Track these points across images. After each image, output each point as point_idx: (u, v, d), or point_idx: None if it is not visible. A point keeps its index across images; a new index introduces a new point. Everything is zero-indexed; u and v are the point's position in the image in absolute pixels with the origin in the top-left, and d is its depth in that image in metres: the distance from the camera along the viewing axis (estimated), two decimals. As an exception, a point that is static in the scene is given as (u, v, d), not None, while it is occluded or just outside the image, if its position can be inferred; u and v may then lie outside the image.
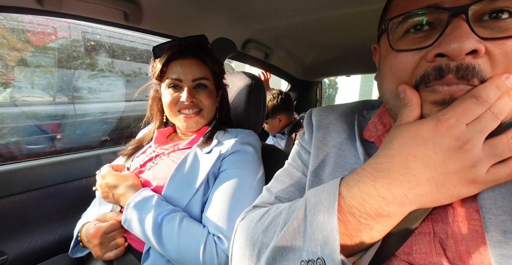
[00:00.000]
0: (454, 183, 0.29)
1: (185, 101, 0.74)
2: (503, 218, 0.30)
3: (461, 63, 0.30)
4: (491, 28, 0.30)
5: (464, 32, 0.29)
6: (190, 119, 0.78)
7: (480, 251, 0.30)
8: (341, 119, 0.50)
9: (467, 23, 0.29)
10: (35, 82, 1.98)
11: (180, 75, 0.75)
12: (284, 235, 0.34)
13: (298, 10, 1.00)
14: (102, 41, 2.26)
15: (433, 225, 0.34)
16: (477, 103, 0.28)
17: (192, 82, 0.76)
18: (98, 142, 2.18)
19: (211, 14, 1.03)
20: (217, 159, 0.71)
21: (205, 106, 0.79)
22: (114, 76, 2.42)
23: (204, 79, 0.78)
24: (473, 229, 0.31)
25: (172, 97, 0.76)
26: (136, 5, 0.85)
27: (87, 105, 2.24)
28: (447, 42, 0.30)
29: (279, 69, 1.74)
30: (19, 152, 1.79)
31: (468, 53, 0.29)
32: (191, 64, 0.76)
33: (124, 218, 0.64)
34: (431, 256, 0.33)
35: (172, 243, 0.60)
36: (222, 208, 0.65)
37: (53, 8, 0.75)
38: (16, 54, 1.85)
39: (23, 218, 0.92)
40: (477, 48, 0.29)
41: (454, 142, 0.28)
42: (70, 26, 2.05)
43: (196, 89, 0.78)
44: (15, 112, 1.84)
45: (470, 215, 0.32)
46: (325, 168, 0.47)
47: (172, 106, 0.77)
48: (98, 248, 0.65)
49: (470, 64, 0.29)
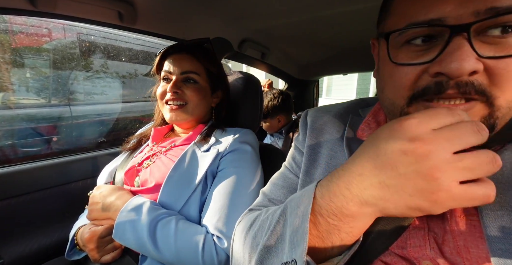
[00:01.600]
0: (409, 191, 0.26)
1: (168, 90, 0.76)
2: (500, 213, 0.30)
3: (460, 80, 0.30)
4: (494, 44, 0.29)
5: (465, 54, 0.29)
6: (173, 112, 0.78)
7: (478, 245, 0.30)
8: (335, 120, 0.51)
9: (469, 42, 0.29)
10: (30, 84, 1.96)
11: (170, 67, 0.79)
12: (269, 239, 0.35)
13: (294, 10, 1.00)
14: (97, 42, 2.24)
15: (427, 220, 0.35)
16: (449, 110, 0.26)
17: (180, 75, 0.79)
18: (94, 143, 2.16)
19: (207, 14, 1.02)
20: (215, 158, 0.71)
21: (190, 100, 0.79)
22: (110, 77, 2.41)
23: (193, 73, 0.79)
24: (471, 224, 0.32)
25: (162, 88, 0.80)
26: (130, 5, 0.85)
27: (83, 107, 2.22)
28: (448, 62, 0.29)
29: (276, 68, 1.74)
30: (14, 155, 1.77)
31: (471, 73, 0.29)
32: (182, 59, 0.80)
33: (116, 230, 0.62)
34: (425, 249, 0.34)
35: (169, 247, 0.60)
36: (221, 207, 0.65)
37: (47, 9, 0.74)
38: (10, 56, 1.83)
39: (19, 221, 0.91)
40: (476, 69, 0.29)
41: (407, 143, 0.25)
42: (64, 27, 2.03)
43: (184, 83, 0.79)
44: (9, 115, 1.82)
45: (468, 210, 0.32)
46: (317, 168, 0.47)
47: (162, 97, 0.80)
48: (95, 251, 0.65)
49: (468, 81, 0.29)
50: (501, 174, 0.32)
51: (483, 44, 0.30)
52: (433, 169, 0.24)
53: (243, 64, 1.69)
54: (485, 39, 0.30)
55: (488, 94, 0.30)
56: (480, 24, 0.29)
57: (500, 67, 0.29)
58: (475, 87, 0.29)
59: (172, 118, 0.79)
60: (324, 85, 7.55)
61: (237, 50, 1.28)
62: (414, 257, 0.34)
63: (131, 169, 0.77)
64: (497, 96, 0.30)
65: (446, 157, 0.24)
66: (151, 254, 0.60)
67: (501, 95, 0.30)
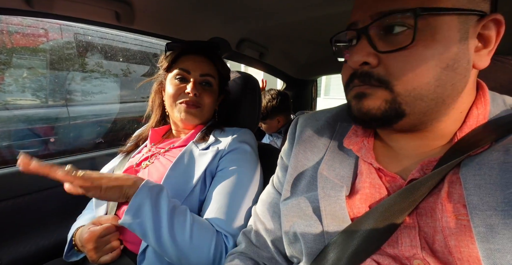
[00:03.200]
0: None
1: (190, 92, 0.75)
2: (489, 213, 0.30)
3: (361, 71, 0.37)
4: (389, 41, 0.35)
5: (359, 49, 0.36)
6: (188, 112, 0.77)
7: (468, 245, 0.31)
8: (323, 130, 0.51)
9: (368, 40, 0.36)
10: (27, 85, 1.95)
11: (190, 67, 0.78)
12: None
13: (292, 9, 1.00)
14: (94, 43, 2.23)
15: (418, 219, 0.36)
16: None
17: (199, 76, 0.79)
18: (92, 144, 2.16)
19: (205, 14, 1.02)
20: (214, 157, 0.71)
21: (205, 104, 0.80)
22: (108, 77, 2.40)
23: (211, 77, 0.80)
24: (461, 224, 0.32)
25: (177, 87, 0.78)
26: (127, 5, 0.84)
27: (80, 107, 2.21)
28: (351, 56, 0.37)
29: (274, 68, 1.74)
30: (11, 156, 1.76)
31: (362, 64, 0.37)
32: (201, 60, 0.80)
33: (133, 204, 0.57)
34: (416, 248, 0.34)
35: (185, 233, 0.58)
36: (222, 206, 0.65)
37: (43, 9, 0.73)
38: (6, 57, 1.81)
39: (17, 223, 0.90)
40: (365, 60, 0.36)
41: None
42: (61, 28, 2.02)
43: (201, 85, 0.79)
44: (6, 116, 1.81)
45: (458, 210, 0.33)
46: (301, 180, 0.48)
47: (175, 97, 0.78)
48: (93, 252, 0.64)
49: (367, 72, 0.37)
50: (490, 175, 0.32)
51: (382, 42, 0.36)
52: None
53: (242, 64, 1.69)
54: (384, 38, 0.36)
55: (387, 82, 0.35)
56: (375, 25, 0.35)
57: (391, 59, 0.35)
58: (374, 77, 0.36)
59: (186, 118, 0.78)
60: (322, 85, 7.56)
61: (235, 50, 1.27)
62: (405, 256, 0.35)
63: (129, 169, 0.77)
64: (394, 84, 0.35)
65: None
66: (163, 238, 0.57)
67: (398, 84, 0.35)
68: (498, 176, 0.32)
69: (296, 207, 0.45)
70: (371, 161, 0.42)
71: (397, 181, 0.40)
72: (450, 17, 0.33)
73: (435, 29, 0.33)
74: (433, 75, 0.34)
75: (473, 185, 0.32)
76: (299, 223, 0.43)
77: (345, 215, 0.39)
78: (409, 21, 0.33)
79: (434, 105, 0.35)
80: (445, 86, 0.35)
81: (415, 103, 0.35)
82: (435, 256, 0.33)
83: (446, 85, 0.34)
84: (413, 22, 0.33)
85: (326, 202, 0.41)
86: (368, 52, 0.36)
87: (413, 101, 0.35)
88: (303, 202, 0.44)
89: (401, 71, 0.34)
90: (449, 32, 0.33)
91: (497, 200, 0.31)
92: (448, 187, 0.34)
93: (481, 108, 0.38)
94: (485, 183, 0.32)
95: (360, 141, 0.45)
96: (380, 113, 0.37)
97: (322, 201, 0.41)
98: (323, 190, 0.42)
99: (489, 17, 0.34)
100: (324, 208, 0.41)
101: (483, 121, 0.37)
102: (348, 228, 0.38)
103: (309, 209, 0.43)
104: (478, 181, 0.32)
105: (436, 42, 0.33)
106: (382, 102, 0.36)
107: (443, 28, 0.33)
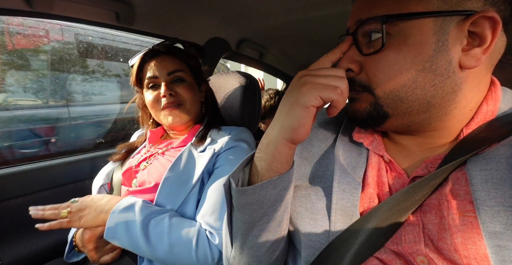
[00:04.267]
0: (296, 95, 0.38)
1: (164, 94, 0.74)
2: (497, 209, 0.30)
3: (348, 77, 0.39)
4: (370, 47, 0.38)
5: (346, 56, 0.40)
6: (173, 114, 0.77)
7: (475, 242, 0.30)
8: (331, 122, 0.51)
9: (356, 45, 0.39)
10: (28, 85, 1.96)
11: (155, 72, 0.76)
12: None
13: (292, 9, 1.00)
14: (95, 43, 2.24)
15: (421, 217, 0.35)
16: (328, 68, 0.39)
17: (167, 76, 0.77)
18: (92, 144, 2.16)
19: (205, 14, 1.02)
20: (211, 157, 0.71)
21: (185, 99, 0.78)
22: (108, 78, 2.40)
23: (179, 71, 0.78)
24: (468, 221, 0.32)
25: (153, 96, 0.77)
26: (128, 5, 0.85)
27: (81, 108, 2.21)
28: (339, 63, 0.41)
29: (274, 68, 1.74)
30: (12, 156, 1.77)
31: (347, 70, 0.40)
32: (163, 60, 0.78)
33: (108, 230, 0.61)
34: (419, 245, 0.34)
35: (163, 243, 0.59)
36: (214, 203, 0.65)
37: (43, 9, 0.74)
38: (7, 57, 1.82)
39: (18, 223, 0.90)
40: (348, 67, 0.40)
41: (297, 78, 0.39)
42: (62, 28, 2.02)
43: (173, 84, 0.78)
44: (7, 116, 1.82)
45: (464, 207, 0.32)
46: (306, 166, 0.48)
47: (155, 104, 0.77)
48: (94, 252, 0.64)
49: (351, 78, 0.40)
50: (497, 169, 0.32)
51: (365, 47, 0.38)
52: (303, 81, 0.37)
53: (241, 64, 1.69)
54: (367, 44, 0.38)
55: (368, 87, 0.38)
56: (360, 32, 0.38)
57: (370, 64, 0.38)
58: (357, 82, 0.40)
59: (174, 121, 0.77)
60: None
61: (235, 50, 1.27)
62: (408, 252, 0.35)
63: (129, 170, 0.77)
64: (374, 88, 0.38)
65: (310, 79, 0.37)
66: (144, 252, 0.60)
67: (377, 87, 0.38)
68: (506, 171, 0.31)
69: (305, 198, 0.44)
70: (383, 153, 0.42)
71: (401, 177, 0.40)
72: (423, 21, 0.34)
73: (406, 34, 0.34)
74: (409, 78, 0.35)
75: (479, 180, 0.32)
76: (304, 215, 0.43)
77: (355, 213, 0.39)
78: (380, 27, 0.35)
79: (418, 106, 0.36)
80: (425, 88, 0.35)
81: (396, 105, 0.37)
82: (440, 253, 0.33)
83: (425, 86, 0.35)
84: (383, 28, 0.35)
85: (340, 196, 0.40)
86: (351, 59, 0.39)
87: (393, 103, 0.37)
88: (314, 194, 0.43)
89: (378, 75, 0.37)
90: (422, 36, 0.34)
91: (505, 195, 0.30)
92: (453, 183, 0.34)
93: (491, 104, 0.37)
94: (492, 178, 0.31)
95: (370, 135, 0.45)
96: (366, 115, 0.40)
97: (335, 195, 0.41)
98: (339, 184, 0.41)
99: (475, 15, 0.33)
100: (335, 202, 0.40)
101: (491, 118, 0.37)
102: (353, 225, 0.38)
103: (320, 202, 0.42)
104: (485, 176, 0.32)
105: (409, 46, 0.34)
106: (368, 105, 0.39)
107: (415, 33, 0.34)
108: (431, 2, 0.33)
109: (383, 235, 0.36)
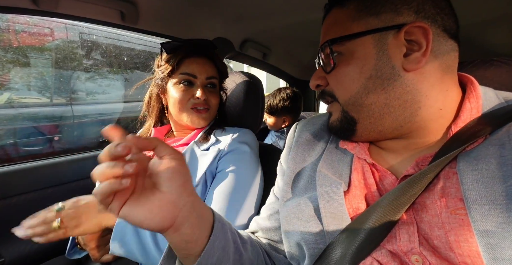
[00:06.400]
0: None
1: (200, 97, 0.75)
2: (488, 207, 0.31)
3: (320, 91, 0.48)
4: (329, 65, 0.44)
5: (314, 74, 0.47)
6: (200, 116, 0.78)
7: (467, 239, 0.31)
8: (320, 134, 0.54)
9: (320, 65, 0.46)
10: (32, 83, 1.97)
11: (195, 71, 0.77)
12: None
13: (295, 10, 1.00)
14: (99, 42, 2.25)
15: (414, 215, 0.36)
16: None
17: (205, 79, 0.78)
18: (96, 143, 2.17)
19: (209, 14, 1.02)
20: (215, 158, 0.71)
21: (212, 105, 0.80)
22: (112, 77, 2.41)
23: (215, 78, 0.80)
24: (459, 218, 0.32)
25: (184, 93, 0.76)
26: (132, 4, 0.85)
27: (85, 106, 2.23)
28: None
29: (277, 68, 1.73)
30: (16, 154, 1.78)
31: (317, 86, 0.47)
32: (205, 63, 0.79)
33: (116, 231, 0.60)
34: (413, 243, 0.35)
35: None
36: (220, 209, 0.65)
37: (49, 8, 0.74)
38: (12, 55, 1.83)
39: (20, 221, 0.91)
40: (318, 83, 0.47)
41: None
42: (67, 27, 2.04)
43: (207, 88, 0.79)
44: (11, 114, 1.83)
45: (455, 205, 0.33)
46: (300, 181, 0.49)
47: (184, 102, 0.77)
48: (96, 250, 0.65)
49: (322, 91, 0.47)
50: (487, 169, 0.32)
51: (328, 66, 0.44)
52: None
53: (245, 65, 1.69)
54: (329, 62, 0.44)
55: (334, 96, 0.45)
56: (321, 54, 0.45)
57: (331, 78, 0.45)
58: (326, 93, 0.46)
59: (198, 123, 0.78)
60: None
61: (238, 50, 1.28)
62: (403, 251, 0.35)
63: (132, 168, 0.77)
64: (338, 96, 0.44)
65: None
66: (152, 257, 0.59)
67: (339, 95, 0.44)
68: (496, 170, 0.32)
69: (296, 208, 0.45)
70: (365, 156, 0.44)
71: (388, 177, 0.41)
72: (363, 38, 0.40)
73: (352, 50, 0.41)
74: (360, 85, 0.41)
75: (470, 180, 0.33)
76: (298, 225, 0.44)
77: (344, 212, 0.40)
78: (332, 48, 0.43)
79: (378, 109, 0.41)
80: (376, 91, 0.40)
81: (358, 110, 0.42)
82: (435, 251, 0.33)
83: (376, 90, 0.40)
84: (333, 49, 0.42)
85: (325, 198, 0.42)
86: (318, 77, 0.47)
87: (355, 108, 0.42)
88: (303, 202, 0.45)
89: (337, 86, 0.44)
90: (365, 50, 0.40)
91: (495, 193, 0.31)
92: (444, 182, 0.35)
93: (474, 102, 0.40)
94: (482, 178, 0.32)
95: (355, 143, 0.47)
96: (339, 123, 0.45)
97: (320, 199, 0.42)
98: (321, 187, 0.44)
99: (405, 26, 0.38)
100: (323, 206, 0.41)
101: (477, 115, 0.39)
102: (350, 226, 0.38)
103: (309, 209, 0.43)
104: (476, 176, 0.33)
105: (355, 59, 0.41)
106: (339, 114, 0.45)
107: (358, 48, 0.41)
108: (368, 22, 0.40)
109: (379, 234, 0.36)
